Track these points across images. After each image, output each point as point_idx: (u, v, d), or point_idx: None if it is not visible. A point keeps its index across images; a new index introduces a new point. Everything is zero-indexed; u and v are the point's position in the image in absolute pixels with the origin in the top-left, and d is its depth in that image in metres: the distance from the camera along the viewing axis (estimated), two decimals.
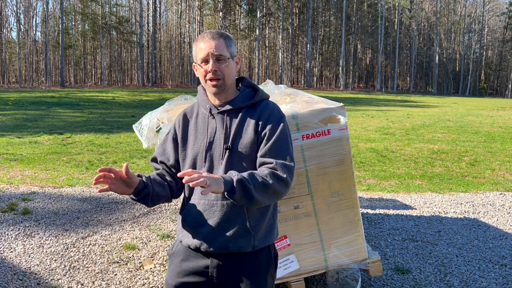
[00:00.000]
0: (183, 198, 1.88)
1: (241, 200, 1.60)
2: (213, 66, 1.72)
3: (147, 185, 1.75)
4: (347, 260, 3.03)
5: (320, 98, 3.16)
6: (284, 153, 1.72)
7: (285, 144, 1.74)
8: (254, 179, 1.62)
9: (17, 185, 6.23)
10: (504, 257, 3.98)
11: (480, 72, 59.11)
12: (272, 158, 1.70)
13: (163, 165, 1.88)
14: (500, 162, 8.65)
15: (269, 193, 1.65)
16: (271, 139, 1.73)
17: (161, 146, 1.92)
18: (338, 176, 2.97)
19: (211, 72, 1.72)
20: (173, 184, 1.85)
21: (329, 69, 58.07)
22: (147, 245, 4.14)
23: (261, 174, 1.65)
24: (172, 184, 1.85)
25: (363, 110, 21.63)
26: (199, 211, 1.76)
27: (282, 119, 1.78)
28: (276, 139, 1.73)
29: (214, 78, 1.73)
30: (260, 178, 1.63)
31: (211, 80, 1.74)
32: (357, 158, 8.64)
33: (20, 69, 44.71)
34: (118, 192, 1.67)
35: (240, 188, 1.58)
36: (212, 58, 1.72)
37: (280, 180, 1.67)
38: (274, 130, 1.74)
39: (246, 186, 1.58)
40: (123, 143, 10.02)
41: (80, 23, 50.92)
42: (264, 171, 1.67)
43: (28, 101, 21.56)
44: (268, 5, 49.39)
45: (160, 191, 1.79)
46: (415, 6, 54.57)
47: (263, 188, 1.63)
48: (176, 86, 47.74)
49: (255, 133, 1.75)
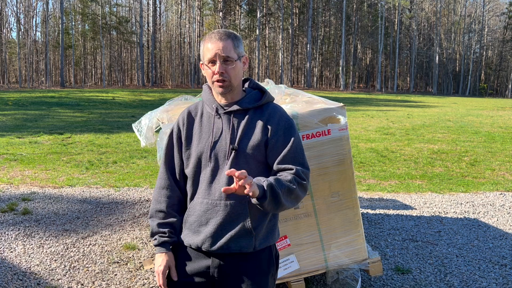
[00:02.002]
0: (185, 198, 1.87)
1: (269, 205, 1.62)
2: (220, 68, 1.71)
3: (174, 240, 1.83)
4: (347, 260, 3.03)
5: (320, 98, 3.16)
6: (301, 159, 1.76)
7: (301, 150, 1.78)
8: (282, 184, 1.65)
9: (17, 185, 6.23)
10: (504, 257, 3.98)
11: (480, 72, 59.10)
12: (291, 164, 1.73)
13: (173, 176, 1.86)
14: (500, 162, 8.65)
15: (292, 198, 1.69)
16: (287, 145, 1.75)
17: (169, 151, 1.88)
18: (338, 176, 2.96)
19: (218, 74, 1.71)
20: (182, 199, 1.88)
21: (329, 69, 58.07)
22: (147, 245, 4.14)
23: (285, 179, 1.68)
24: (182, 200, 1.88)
25: (363, 110, 21.63)
26: (202, 210, 1.76)
27: (293, 125, 1.81)
28: (293, 145, 1.75)
29: (221, 80, 1.72)
30: (286, 183, 1.66)
31: (218, 82, 1.73)
32: (357, 158, 8.64)
33: (20, 69, 44.71)
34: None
35: (271, 193, 1.60)
36: (219, 60, 1.71)
37: (301, 185, 1.71)
38: (288, 136, 1.76)
39: (276, 192, 1.61)
40: (123, 143, 10.02)
41: (80, 23, 50.92)
42: (287, 176, 1.69)
43: (28, 101, 21.57)
44: (268, 5, 49.39)
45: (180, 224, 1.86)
46: (415, 6, 54.55)
47: (288, 193, 1.66)
48: (176, 86, 47.74)
49: (264, 135, 1.75)
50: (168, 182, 1.86)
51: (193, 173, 1.79)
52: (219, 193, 1.73)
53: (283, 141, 1.75)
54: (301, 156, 1.77)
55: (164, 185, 1.86)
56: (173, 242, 1.81)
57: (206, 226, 1.75)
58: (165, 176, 1.87)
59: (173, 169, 1.86)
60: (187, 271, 1.79)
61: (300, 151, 1.77)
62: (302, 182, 1.71)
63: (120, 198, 5.73)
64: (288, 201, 1.68)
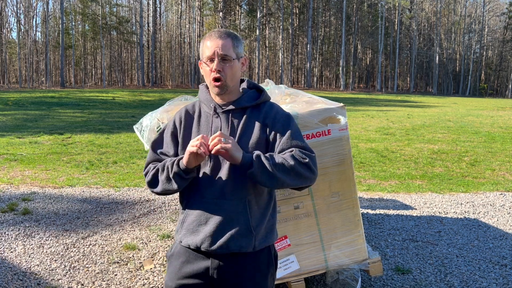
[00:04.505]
0: (183, 197, 1.85)
1: (262, 176, 1.64)
2: (217, 65, 1.71)
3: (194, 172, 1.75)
4: (347, 260, 3.03)
5: (320, 98, 3.16)
6: (302, 142, 1.76)
7: (299, 135, 1.79)
8: (273, 158, 1.66)
9: (17, 185, 6.23)
10: (504, 257, 3.98)
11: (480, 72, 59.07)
12: (290, 148, 1.73)
13: (164, 156, 1.85)
14: (500, 162, 8.64)
15: (292, 174, 1.67)
16: (285, 133, 1.76)
17: (160, 136, 1.89)
18: (338, 176, 2.96)
19: (215, 71, 1.72)
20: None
21: (329, 69, 58.05)
22: (147, 245, 4.14)
23: (281, 156, 1.69)
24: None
25: (363, 110, 21.62)
26: (201, 210, 1.75)
27: (290, 117, 1.82)
28: (291, 133, 1.76)
29: (218, 78, 1.72)
30: (280, 158, 1.67)
31: (215, 80, 1.73)
32: (357, 158, 8.64)
33: (20, 69, 44.72)
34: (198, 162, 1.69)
35: (258, 163, 1.63)
36: (217, 58, 1.71)
37: (302, 163, 1.69)
38: (286, 127, 1.78)
39: (264, 163, 1.63)
40: (123, 143, 10.02)
41: (80, 23, 50.91)
42: (285, 154, 1.70)
43: (28, 101, 21.57)
44: (268, 5, 49.39)
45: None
46: (415, 6, 54.54)
47: (283, 167, 1.66)
48: (176, 86, 47.74)
49: (263, 133, 1.76)
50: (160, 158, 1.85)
51: None
52: (218, 193, 1.73)
53: (282, 132, 1.76)
54: (301, 140, 1.77)
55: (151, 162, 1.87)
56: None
57: (206, 226, 1.74)
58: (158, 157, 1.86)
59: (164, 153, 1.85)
60: (186, 272, 1.78)
61: (299, 136, 1.78)
62: (303, 160, 1.69)
63: (120, 198, 5.73)
64: (288, 177, 1.67)
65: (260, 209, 1.77)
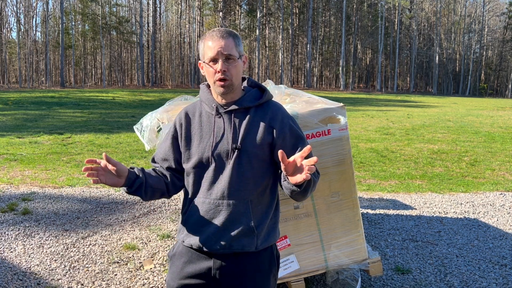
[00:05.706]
0: (186, 198, 1.84)
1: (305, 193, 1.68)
2: (222, 66, 1.68)
3: (139, 176, 1.74)
4: (347, 260, 3.03)
5: (320, 98, 3.16)
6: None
7: (305, 139, 1.84)
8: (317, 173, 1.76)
9: (17, 185, 6.23)
10: (504, 257, 3.98)
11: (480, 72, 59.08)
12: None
13: (164, 162, 1.87)
14: (500, 162, 8.65)
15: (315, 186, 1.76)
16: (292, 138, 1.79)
17: (160, 147, 1.90)
18: (338, 176, 2.96)
19: (221, 72, 1.69)
20: (169, 180, 1.84)
21: (329, 69, 58.06)
22: (147, 245, 4.14)
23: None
24: (167, 180, 1.84)
25: (363, 110, 21.62)
26: (203, 210, 1.75)
27: (295, 121, 1.85)
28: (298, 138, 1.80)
29: (223, 79, 1.69)
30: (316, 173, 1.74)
31: (220, 81, 1.70)
32: (357, 158, 8.64)
33: (20, 69, 44.71)
34: (109, 184, 1.66)
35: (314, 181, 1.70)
36: (222, 58, 1.68)
37: (318, 173, 1.78)
38: (293, 131, 1.80)
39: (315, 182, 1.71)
40: (123, 143, 10.02)
41: (80, 23, 50.91)
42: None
43: (28, 101, 21.57)
44: (268, 5, 49.38)
45: (154, 183, 1.78)
46: (415, 6, 54.55)
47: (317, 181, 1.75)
48: (176, 86, 47.74)
49: (268, 135, 1.74)
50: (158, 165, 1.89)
51: (194, 173, 1.78)
52: (221, 193, 1.72)
53: (290, 139, 1.77)
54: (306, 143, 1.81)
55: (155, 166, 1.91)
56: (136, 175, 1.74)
57: (209, 226, 1.74)
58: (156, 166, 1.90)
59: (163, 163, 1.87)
60: (188, 272, 1.78)
61: (305, 141, 1.82)
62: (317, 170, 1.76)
63: (120, 198, 5.73)
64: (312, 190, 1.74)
65: (262, 208, 1.77)
